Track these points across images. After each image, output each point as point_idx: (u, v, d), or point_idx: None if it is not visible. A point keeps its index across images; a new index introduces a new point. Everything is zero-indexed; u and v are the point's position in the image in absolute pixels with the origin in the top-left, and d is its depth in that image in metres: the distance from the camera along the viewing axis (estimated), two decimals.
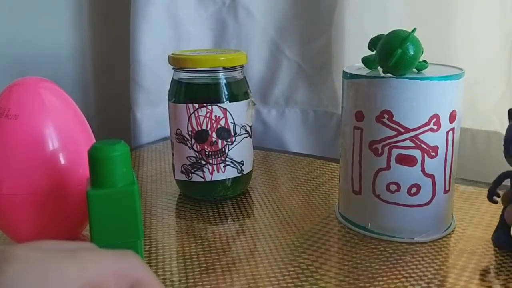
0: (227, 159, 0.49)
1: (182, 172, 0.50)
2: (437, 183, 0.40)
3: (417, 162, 0.39)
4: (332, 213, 0.47)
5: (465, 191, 0.51)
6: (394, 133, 0.39)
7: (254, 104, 0.51)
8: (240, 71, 0.50)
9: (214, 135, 0.48)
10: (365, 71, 0.42)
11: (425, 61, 0.41)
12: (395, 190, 0.40)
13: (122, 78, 0.75)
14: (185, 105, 0.48)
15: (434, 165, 0.40)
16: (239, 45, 0.73)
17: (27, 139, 0.37)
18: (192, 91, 0.49)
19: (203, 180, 0.49)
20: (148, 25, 0.69)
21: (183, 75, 0.50)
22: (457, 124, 0.40)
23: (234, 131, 0.49)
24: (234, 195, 0.52)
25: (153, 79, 0.72)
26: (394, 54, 0.37)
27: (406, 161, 0.39)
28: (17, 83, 0.38)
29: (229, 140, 0.49)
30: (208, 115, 0.48)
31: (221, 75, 0.49)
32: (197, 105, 0.48)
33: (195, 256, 0.39)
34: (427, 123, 0.39)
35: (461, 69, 0.41)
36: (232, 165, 0.50)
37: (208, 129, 0.48)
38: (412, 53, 0.37)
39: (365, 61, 0.43)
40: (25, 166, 0.37)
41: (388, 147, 0.40)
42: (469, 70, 0.42)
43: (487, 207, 0.47)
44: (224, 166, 0.49)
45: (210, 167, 0.49)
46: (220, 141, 0.49)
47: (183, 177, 0.50)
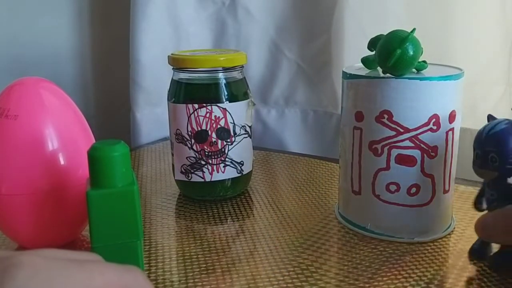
0: (226, 159, 0.49)
1: (181, 172, 0.50)
2: (437, 183, 0.40)
3: (416, 162, 0.39)
4: (332, 213, 0.47)
5: (465, 191, 0.51)
6: (394, 133, 0.39)
7: (254, 104, 0.51)
8: (239, 71, 0.50)
9: (214, 135, 0.48)
10: (364, 71, 0.42)
11: (424, 61, 0.41)
12: (394, 190, 0.40)
13: (122, 78, 0.75)
14: (184, 105, 0.48)
15: (434, 165, 0.40)
16: (238, 45, 0.74)
17: (26, 139, 0.37)
18: (191, 91, 0.49)
19: (202, 180, 0.49)
20: (147, 25, 0.69)
21: (183, 75, 0.50)
22: (456, 124, 0.40)
23: (234, 131, 0.49)
24: (234, 195, 0.52)
25: (153, 79, 0.72)
26: (394, 54, 0.37)
27: (406, 161, 0.39)
28: (17, 83, 0.38)
29: (228, 140, 0.49)
30: (207, 115, 0.48)
31: (221, 75, 0.49)
32: (196, 105, 0.48)
33: (195, 256, 0.39)
34: (426, 123, 0.39)
35: (460, 69, 0.41)
36: (232, 165, 0.50)
37: (207, 129, 0.48)
38: (411, 53, 0.37)
39: (365, 61, 0.43)
40: (24, 166, 0.37)
41: (387, 147, 0.40)
42: (469, 70, 0.42)
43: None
44: (223, 166, 0.49)
45: (209, 167, 0.49)
46: (219, 141, 0.49)
47: (182, 177, 0.50)
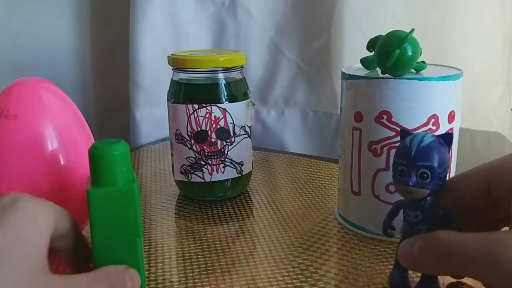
0: (226, 159, 0.49)
1: (181, 172, 0.50)
2: None
3: None
4: (332, 213, 0.47)
5: None
6: (393, 133, 0.39)
7: (254, 105, 0.51)
8: (239, 71, 0.50)
9: (214, 135, 0.48)
10: (363, 72, 0.42)
11: (423, 62, 0.41)
12: (394, 190, 0.40)
13: (121, 79, 0.75)
14: (184, 105, 0.48)
15: None
16: (238, 45, 0.74)
17: (26, 140, 0.37)
18: (191, 91, 0.49)
19: (202, 180, 0.49)
20: (147, 26, 0.69)
21: (183, 75, 0.50)
22: (456, 125, 0.40)
23: (234, 131, 0.49)
24: (234, 195, 0.52)
25: (153, 80, 0.72)
26: (393, 54, 0.37)
27: None
28: (16, 83, 0.38)
29: (228, 140, 0.49)
30: (207, 115, 0.48)
31: (221, 75, 0.49)
32: (196, 106, 0.48)
33: (195, 257, 0.39)
34: (425, 124, 0.39)
35: (459, 70, 0.41)
36: (232, 165, 0.50)
37: (207, 129, 0.48)
38: (410, 53, 0.37)
39: (364, 61, 0.43)
40: (24, 166, 0.37)
41: (387, 147, 0.40)
42: (468, 71, 0.42)
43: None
44: (223, 167, 0.49)
45: (209, 167, 0.49)
46: (219, 141, 0.49)
47: (182, 177, 0.50)
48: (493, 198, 0.30)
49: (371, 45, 0.41)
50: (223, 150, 0.49)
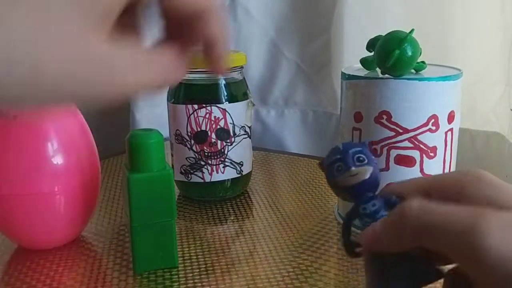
0: (226, 159, 0.49)
1: (181, 173, 0.50)
2: None
3: (416, 162, 0.39)
4: (332, 213, 0.47)
5: None
6: (393, 133, 0.39)
7: (253, 105, 0.51)
8: (239, 71, 0.50)
9: (214, 135, 0.48)
10: (363, 72, 0.42)
11: (423, 62, 0.41)
12: None
13: None
14: (184, 106, 0.48)
15: (433, 166, 0.40)
16: (238, 45, 0.74)
17: (26, 140, 0.37)
18: (191, 92, 0.49)
19: (202, 181, 0.49)
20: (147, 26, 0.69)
21: None
22: (455, 125, 0.41)
23: (233, 131, 0.49)
24: (234, 195, 0.52)
25: None
26: (392, 55, 0.37)
27: (405, 161, 0.39)
28: None
29: (228, 140, 0.49)
30: (207, 115, 0.48)
31: (220, 76, 0.49)
32: (196, 106, 0.48)
33: (195, 257, 0.39)
34: (425, 124, 0.39)
35: (459, 70, 0.41)
36: (232, 165, 0.50)
37: (207, 129, 0.48)
38: (410, 54, 0.37)
39: (364, 62, 0.43)
40: (24, 166, 0.37)
41: (386, 147, 0.40)
42: (468, 71, 0.42)
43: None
44: (223, 167, 0.49)
45: (209, 167, 0.49)
46: (219, 141, 0.49)
47: (182, 178, 0.50)
48: None
49: (371, 45, 0.41)
50: (223, 150, 0.49)
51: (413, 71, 0.41)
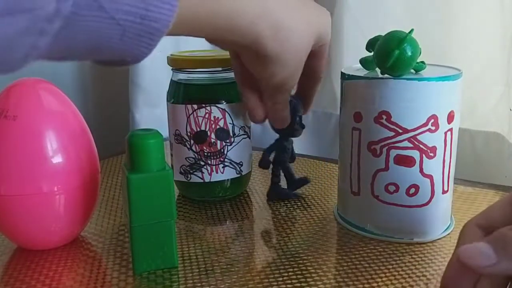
0: (226, 160, 0.49)
1: (181, 173, 0.50)
2: (436, 183, 0.40)
3: (415, 162, 0.39)
4: (331, 214, 0.47)
5: (464, 191, 0.51)
6: (392, 133, 0.39)
7: None
8: None
9: (213, 136, 0.48)
10: (363, 72, 0.42)
11: (423, 62, 0.41)
12: (393, 190, 0.40)
13: (121, 79, 0.75)
14: (184, 106, 0.48)
15: (433, 166, 0.40)
16: None
17: (25, 140, 0.37)
18: (191, 92, 0.49)
19: (202, 181, 0.49)
20: None
21: (182, 76, 0.50)
22: (455, 125, 0.41)
23: (233, 132, 0.49)
24: (233, 196, 0.52)
25: (152, 80, 0.72)
26: (392, 55, 0.37)
27: (405, 161, 0.39)
28: (16, 84, 0.38)
29: (228, 141, 0.49)
30: (207, 116, 0.48)
31: (220, 76, 0.49)
32: (196, 106, 0.48)
33: (194, 257, 0.39)
34: (425, 124, 0.39)
35: (459, 70, 0.41)
36: (231, 166, 0.50)
37: (207, 130, 0.48)
38: (409, 54, 0.37)
39: (363, 62, 0.43)
40: (23, 167, 0.37)
41: (386, 148, 0.40)
42: (467, 71, 0.42)
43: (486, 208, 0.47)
44: (223, 167, 0.49)
45: (209, 168, 0.49)
46: (219, 142, 0.49)
47: (181, 178, 0.50)
48: None
49: (370, 45, 0.41)
50: (222, 150, 0.49)
51: (412, 71, 0.41)
